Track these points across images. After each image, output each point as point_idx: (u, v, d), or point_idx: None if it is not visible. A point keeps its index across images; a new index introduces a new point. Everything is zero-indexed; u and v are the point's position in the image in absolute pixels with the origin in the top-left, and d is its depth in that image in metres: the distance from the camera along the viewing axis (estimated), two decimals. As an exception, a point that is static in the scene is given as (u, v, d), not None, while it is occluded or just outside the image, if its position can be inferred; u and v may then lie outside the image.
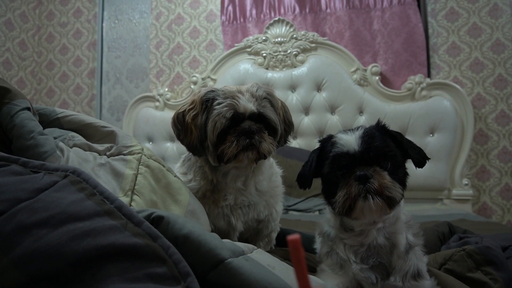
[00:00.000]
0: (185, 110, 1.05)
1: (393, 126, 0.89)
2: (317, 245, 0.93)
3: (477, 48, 2.81)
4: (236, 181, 1.07)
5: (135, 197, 0.82)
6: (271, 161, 1.17)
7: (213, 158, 1.02)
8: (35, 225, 0.50)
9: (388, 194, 0.76)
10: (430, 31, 2.90)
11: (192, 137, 1.03)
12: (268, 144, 1.01)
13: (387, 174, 0.77)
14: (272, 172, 1.16)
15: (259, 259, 0.64)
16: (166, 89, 3.27)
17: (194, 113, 1.03)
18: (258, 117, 1.01)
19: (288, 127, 1.12)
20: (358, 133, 0.81)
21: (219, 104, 1.00)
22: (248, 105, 0.99)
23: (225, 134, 1.00)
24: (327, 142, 0.86)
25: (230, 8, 3.22)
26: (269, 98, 1.05)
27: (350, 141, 0.80)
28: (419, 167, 0.87)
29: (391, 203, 0.77)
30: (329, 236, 0.88)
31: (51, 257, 0.48)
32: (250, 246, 0.70)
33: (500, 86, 2.75)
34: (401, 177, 0.81)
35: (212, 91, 1.04)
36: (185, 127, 1.04)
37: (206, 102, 1.02)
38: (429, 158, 0.88)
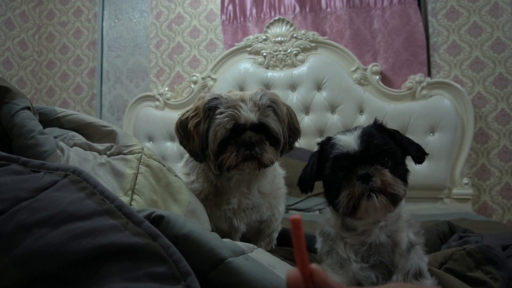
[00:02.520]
0: (188, 116, 1.05)
1: (393, 125, 0.89)
2: (318, 244, 0.93)
3: (478, 47, 2.80)
4: (240, 185, 1.07)
5: (135, 196, 0.82)
6: (274, 164, 1.17)
7: (214, 166, 1.03)
8: (35, 225, 0.50)
9: (391, 191, 0.76)
10: (430, 30, 2.89)
11: (194, 144, 1.03)
12: (270, 155, 1.00)
13: (388, 171, 0.78)
14: (275, 174, 1.16)
15: (260, 259, 0.64)
16: (166, 89, 3.27)
17: (196, 120, 1.02)
18: (260, 127, 1.01)
19: (294, 133, 1.11)
20: (357, 133, 0.81)
21: (220, 113, 0.99)
22: (249, 115, 0.99)
23: (226, 144, 0.99)
24: (326, 144, 0.86)
25: (230, 7, 3.21)
26: (273, 106, 1.04)
27: (349, 141, 0.80)
28: (418, 163, 0.87)
29: (394, 200, 0.77)
30: (330, 236, 0.88)
31: (52, 257, 0.48)
32: (251, 245, 0.70)
33: (500, 85, 2.75)
34: (402, 173, 0.81)
35: (216, 98, 1.03)
36: (188, 134, 1.04)
37: (209, 110, 1.01)
38: (428, 154, 0.88)
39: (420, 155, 0.86)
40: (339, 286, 0.34)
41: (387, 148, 0.80)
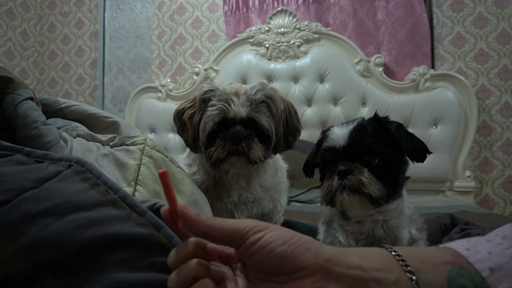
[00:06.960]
0: (184, 107, 1.06)
1: (396, 118, 0.88)
2: (320, 235, 0.94)
3: (482, 39, 2.78)
4: (238, 179, 1.07)
5: (138, 187, 0.82)
6: (276, 158, 1.16)
7: (205, 158, 1.03)
8: (40, 214, 0.51)
9: (365, 191, 0.75)
10: (435, 21, 2.86)
11: (188, 134, 1.04)
12: (257, 151, 0.98)
13: (367, 170, 0.77)
14: (277, 168, 1.16)
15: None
16: (169, 80, 3.27)
17: (191, 111, 1.03)
18: (250, 123, 0.99)
19: (292, 132, 1.07)
20: (350, 127, 0.81)
21: (212, 106, 0.99)
22: (239, 110, 0.97)
23: (216, 137, 0.99)
24: (325, 134, 0.88)
25: (233, -3, 3.19)
26: (267, 102, 1.02)
27: (338, 135, 0.81)
28: (417, 162, 0.83)
29: (372, 199, 0.76)
30: (332, 225, 0.89)
31: (56, 246, 0.48)
32: (253, 236, 0.70)
33: (505, 77, 2.73)
34: (389, 173, 0.79)
35: (212, 90, 1.02)
36: (183, 124, 1.05)
37: (203, 102, 1.02)
38: (431, 152, 0.84)
39: (419, 153, 0.82)
40: (196, 215, 0.43)
41: (373, 146, 0.78)
